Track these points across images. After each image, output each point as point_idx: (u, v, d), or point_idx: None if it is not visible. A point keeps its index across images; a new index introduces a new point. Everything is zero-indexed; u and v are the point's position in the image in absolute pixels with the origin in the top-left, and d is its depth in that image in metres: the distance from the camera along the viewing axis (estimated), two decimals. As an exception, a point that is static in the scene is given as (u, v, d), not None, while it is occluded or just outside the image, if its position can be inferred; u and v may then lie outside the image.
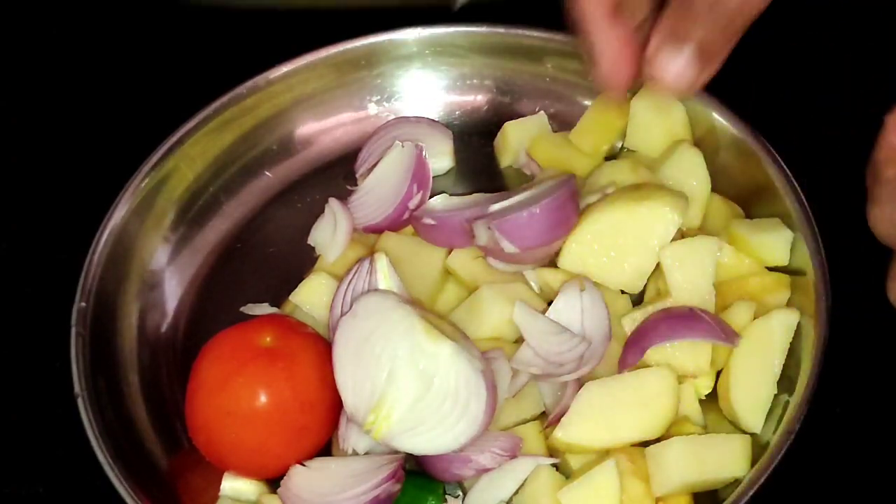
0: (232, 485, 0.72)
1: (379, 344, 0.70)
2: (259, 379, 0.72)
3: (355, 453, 0.72)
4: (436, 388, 0.69)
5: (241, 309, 0.81)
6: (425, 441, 0.70)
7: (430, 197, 0.85)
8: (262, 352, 0.73)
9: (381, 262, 0.75)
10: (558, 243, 0.77)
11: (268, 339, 0.73)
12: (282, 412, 0.72)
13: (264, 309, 0.81)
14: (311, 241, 0.85)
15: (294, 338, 0.74)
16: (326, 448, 0.74)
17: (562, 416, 0.71)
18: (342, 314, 0.74)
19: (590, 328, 0.74)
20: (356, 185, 0.87)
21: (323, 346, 0.74)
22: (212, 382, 0.73)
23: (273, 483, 0.73)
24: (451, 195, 0.85)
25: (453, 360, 0.69)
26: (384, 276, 0.75)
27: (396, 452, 0.72)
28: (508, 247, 0.76)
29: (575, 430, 0.71)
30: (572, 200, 0.77)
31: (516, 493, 0.72)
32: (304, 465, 0.71)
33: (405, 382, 0.69)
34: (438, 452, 0.70)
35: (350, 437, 0.72)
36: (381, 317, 0.71)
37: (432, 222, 0.81)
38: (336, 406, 0.73)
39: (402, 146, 0.85)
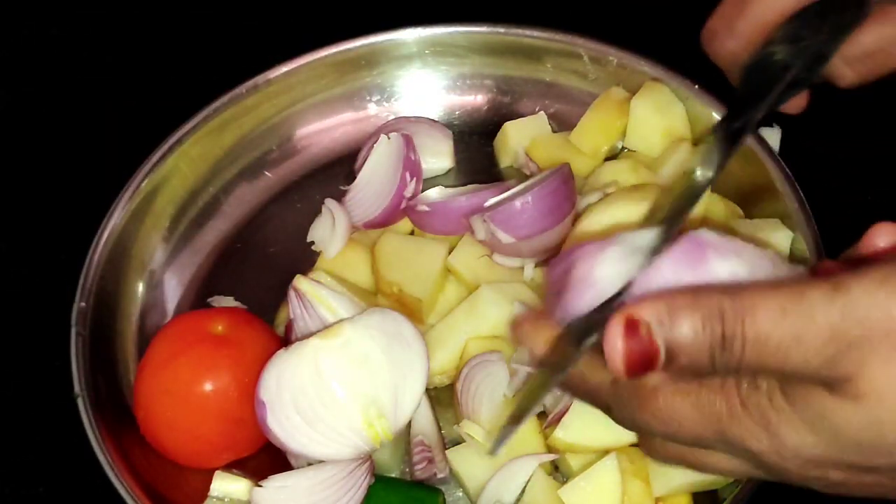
0: (222, 484, 0.72)
1: (310, 392, 0.69)
2: (202, 362, 0.72)
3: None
4: (374, 359, 0.69)
5: (209, 300, 0.83)
6: (415, 389, 0.70)
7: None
8: (210, 337, 0.73)
9: (316, 293, 0.75)
10: (557, 232, 0.77)
11: (220, 327, 0.74)
12: (220, 399, 0.72)
13: (229, 302, 0.83)
14: (310, 237, 0.85)
15: (246, 329, 0.75)
16: (285, 464, 0.74)
17: (562, 415, 0.71)
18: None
19: None
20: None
21: (275, 343, 0.75)
22: (157, 361, 0.74)
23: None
24: (446, 187, 0.86)
25: (357, 332, 0.70)
26: (325, 306, 0.75)
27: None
28: (504, 237, 0.76)
29: (575, 430, 0.71)
30: (565, 186, 0.77)
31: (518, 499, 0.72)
32: (261, 486, 0.69)
33: (354, 381, 0.69)
34: (424, 388, 0.71)
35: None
36: (293, 375, 0.70)
37: (427, 209, 0.81)
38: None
39: (389, 138, 0.86)
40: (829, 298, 0.43)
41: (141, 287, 0.83)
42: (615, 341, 0.46)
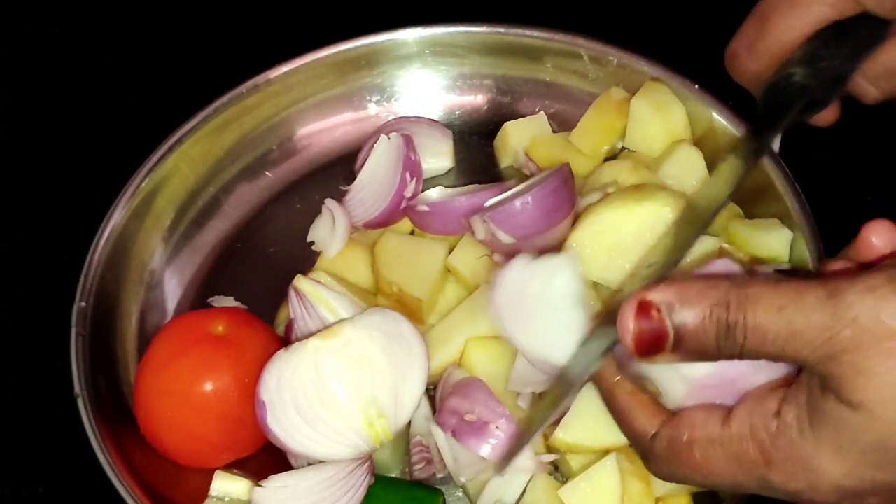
0: (222, 484, 0.72)
1: (310, 392, 0.69)
2: (202, 362, 0.72)
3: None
4: (374, 359, 0.69)
5: (208, 300, 0.83)
6: (415, 390, 0.70)
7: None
8: (210, 337, 0.73)
9: (316, 293, 0.75)
10: (557, 231, 0.77)
11: (220, 327, 0.74)
12: (220, 399, 0.72)
13: (229, 302, 0.83)
14: (310, 237, 0.85)
15: (246, 330, 0.75)
16: (285, 464, 0.74)
17: (562, 416, 0.71)
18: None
19: None
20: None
21: (275, 343, 0.75)
22: (157, 361, 0.74)
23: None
24: (446, 187, 0.86)
25: (357, 333, 0.70)
26: (325, 307, 0.75)
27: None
28: (505, 237, 0.76)
29: (576, 430, 0.71)
30: (565, 186, 0.77)
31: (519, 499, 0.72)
32: (261, 486, 0.70)
33: (354, 381, 0.69)
34: (424, 388, 0.71)
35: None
36: (293, 375, 0.70)
37: (426, 209, 0.81)
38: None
39: (389, 138, 0.86)
40: (823, 301, 0.46)
41: (141, 287, 0.83)
42: (627, 322, 0.49)
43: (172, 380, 0.72)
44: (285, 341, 0.76)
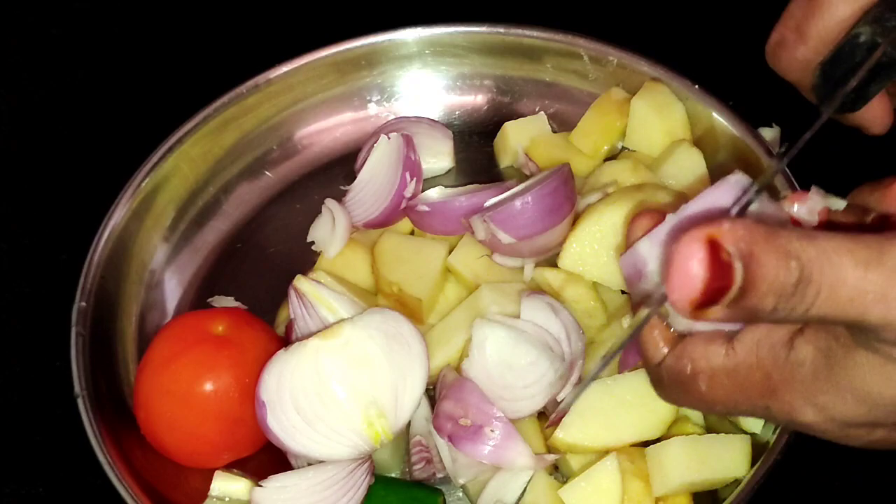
0: (222, 484, 0.72)
1: (310, 392, 0.69)
2: (202, 362, 0.72)
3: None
4: (374, 359, 0.70)
5: (209, 300, 0.83)
6: (415, 390, 0.71)
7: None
8: (211, 337, 0.73)
9: (316, 293, 0.75)
10: (557, 232, 0.77)
11: (220, 327, 0.74)
12: (220, 399, 0.72)
13: (229, 301, 0.83)
14: (310, 237, 0.85)
15: (246, 330, 0.75)
16: (285, 464, 0.74)
17: (563, 416, 0.71)
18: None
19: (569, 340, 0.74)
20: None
21: (275, 343, 0.75)
22: (157, 361, 0.74)
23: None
24: (446, 187, 0.86)
25: (357, 332, 0.70)
26: (325, 306, 0.75)
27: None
28: (505, 237, 0.76)
29: (576, 431, 0.71)
30: (565, 186, 0.77)
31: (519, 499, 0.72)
32: (261, 486, 0.69)
33: (354, 381, 0.69)
34: (424, 388, 0.71)
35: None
36: (293, 375, 0.70)
37: (426, 209, 0.81)
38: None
39: (389, 138, 0.86)
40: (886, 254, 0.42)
41: (141, 287, 0.83)
42: (689, 264, 0.40)
43: (172, 380, 0.72)
44: (285, 341, 0.76)
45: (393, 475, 0.75)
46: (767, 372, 0.47)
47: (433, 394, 0.76)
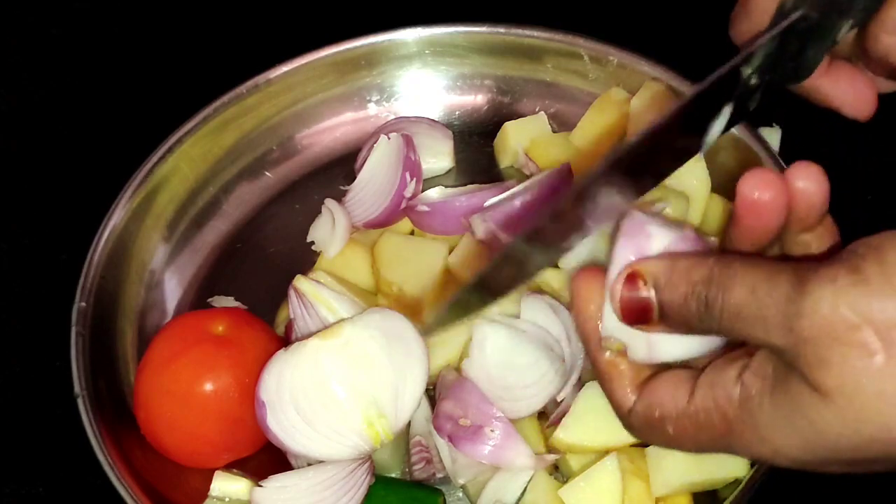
0: (222, 484, 0.72)
1: (310, 392, 0.69)
2: (202, 362, 0.72)
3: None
4: (374, 359, 0.70)
5: (210, 300, 0.83)
6: (415, 390, 0.71)
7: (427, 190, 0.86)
8: (211, 337, 0.73)
9: (316, 293, 0.75)
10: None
11: (220, 327, 0.74)
12: (220, 399, 0.72)
13: (229, 302, 0.83)
14: (310, 237, 0.85)
15: (246, 330, 0.75)
16: (285, 464, 0.74)
17: (563, 416, 0.71)
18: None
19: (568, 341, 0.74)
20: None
21: (275, 343, 0.75)
22: (157, 361, 0.74)
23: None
24: (446, 187, 0.86)
25: (357, 332, 0.70)
26: (325, 306, 0.75)
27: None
28: (504, 237, 0.76)
29: (576, 431, 0.71)
30: (565, 186, 0.77)
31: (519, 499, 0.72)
32: (261, 486, 0.69)
33: (354, 381, 0.69)
34: (424, 388, 0.71)
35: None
36: (293, 375, 0.70)
37: (426, 209, 0.81)
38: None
39: (389, 138, 0.86)
40: (791, 286, 0.45)
41: (141, 287, 0.83)
42: (616, 288, 0.51)
43: (172, 380, 0.72)
44: (285, 341, 0.76)
45: (393, 475, 0.75)
46: (724, 412, 0.49)
47: (433, 394, 0.76)
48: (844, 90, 0.65)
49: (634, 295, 0.51)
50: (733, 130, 0.82)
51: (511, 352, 0.71)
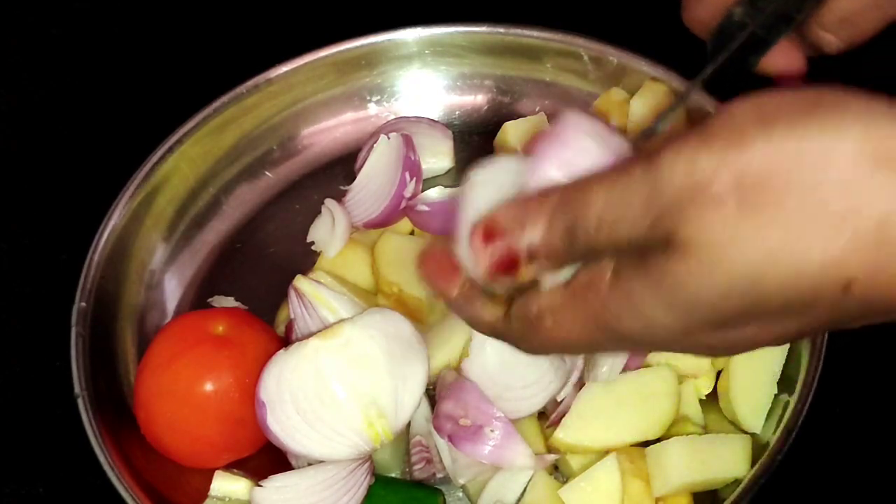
0: (222, 484, 0.72)
1: (310, 392, 0.69)
2: (203, 363, 0.72)
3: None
4: (375, 359, 0.69)
5: (210, 300, 0.83)
6: (415, 390, 0.70)
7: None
8: (211, 338, 0.73)
9: (316, 293, 0.75)
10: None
11: (220, 327, 0.74)
12: (221, 400, 0.72)
13: (229, 302, 0.82)
14: (310, 237, 0.85)
15: (247, 330, 0.75)
16: (285, 464, 0.74)
17: (563, 416, 0.71)
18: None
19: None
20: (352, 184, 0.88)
21: (275, 343, 0.74)
22: (157, 361, 0.73)
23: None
24: (446, 187, 0.86)
25: (358, 333, 0.70)
26: (325, 307, 0.74)
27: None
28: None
29: (577, 431, 0.71)
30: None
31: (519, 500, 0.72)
32: (261, 486, 0.69)
33: (354, 381, 0.69)
34: (424, 388, 0.71)
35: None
36: (293, 375, 0.70)
37: (426, 209, 0.81)
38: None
39: (389, 138, 0.86)
40: (644, 171, 0.45)
41: (141, 287, 0.83)
42: (478, 251, 0.49)
43: (172, 380, 0.72)
44: (285, 341, 0.76)
45: (393, 475, 0.75)
46: (598, 288, 0.48)
47: (433, 394, 0.76)
48: (776, 61, 0.69)
49: (498, 249, 0.49)
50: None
51: (511, 352, 0.71)
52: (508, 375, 0.71)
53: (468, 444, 0.70)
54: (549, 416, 0.73)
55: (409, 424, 0.73)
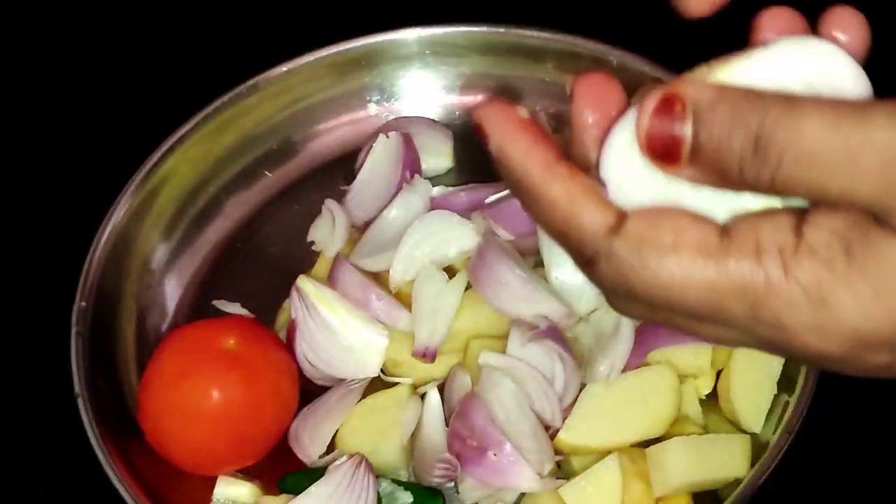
0: (225, 489, 0.72)
1: None
2: (214, 382, 0.72)
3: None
4: None
5: (214, 303, 0.82)
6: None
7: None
8: (222, 354, 0.72)
9: (319, 293, 0.75)
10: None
11: (231, 342, 0.73)
12: (231, 418, 0.72)
13: (236, 308, 0.81)
14: (310, 237, 0.85)
15: (257, 346, 0.74)
16: (288, 466, 0.73)
17: (564, 417, 0.71)
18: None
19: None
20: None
21: (285, 360, 0.75)
22: (167, 375, 0.73)
23: (269, 484, 0.73)
24: (446, 187, 0.86)
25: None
26: (327, 307, 0.74)
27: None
28: (504, 234, 0.76)
29: (579, 432, 0.71)
30: None
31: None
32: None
33: None
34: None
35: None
36: None
37: None
38: (285, 420, 0.74)
39: (388, 137, 0.86)
40: (889, 120, 0.36)
41: (141, 287, 0.83)
42: (645, 115, 0.40)
43: (182, 398, 0.72)
44: (287, 343, 0.76)
45: (395, 477, 0.74)
46: (768, 261, 0.38)
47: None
48: None
49: (663, 123, 0.39)
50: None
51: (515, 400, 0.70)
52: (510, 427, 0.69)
53: (473, 466, 0.69)
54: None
55: (419, 432, 0.73)
